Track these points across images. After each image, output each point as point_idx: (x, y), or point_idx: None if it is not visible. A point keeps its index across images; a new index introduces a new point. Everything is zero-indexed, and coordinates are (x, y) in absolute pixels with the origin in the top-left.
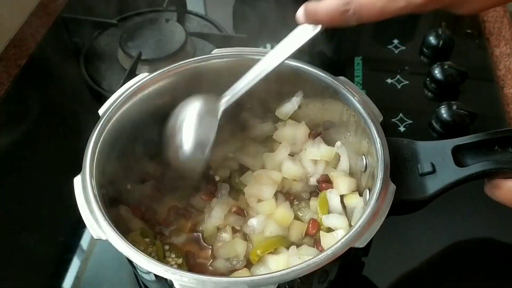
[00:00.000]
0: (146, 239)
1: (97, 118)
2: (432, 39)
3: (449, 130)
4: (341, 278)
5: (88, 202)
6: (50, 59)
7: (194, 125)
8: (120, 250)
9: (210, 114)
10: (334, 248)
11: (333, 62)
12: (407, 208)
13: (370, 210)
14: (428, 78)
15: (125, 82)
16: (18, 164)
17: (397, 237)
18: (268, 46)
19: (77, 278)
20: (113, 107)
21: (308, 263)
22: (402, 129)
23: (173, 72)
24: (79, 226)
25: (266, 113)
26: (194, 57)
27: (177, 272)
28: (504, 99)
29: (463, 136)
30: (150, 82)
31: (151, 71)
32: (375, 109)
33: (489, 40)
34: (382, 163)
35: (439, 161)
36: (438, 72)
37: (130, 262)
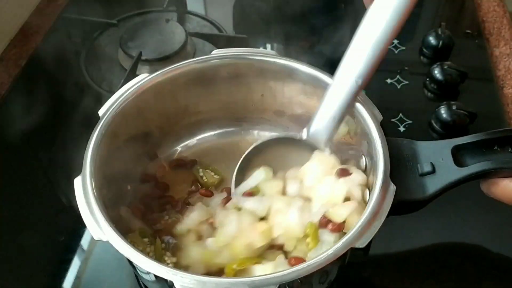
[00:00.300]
0: (145, 239)
1: (97, 118)
2: (432, 39)
3: (448, 130)
4: (341, 279)
5: (88, 203)
6: (50, 59)
7: None
8: (120, 251)
9: None
10: (334, 248)
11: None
12: (407, 208)
13: (370, 210)
14: (428, 78)
15: (125, 83)
16: (18, 164)
17: (397, 237)
18: (268, 46)
19: (77, 278)
20: (113, 108)
21: (308, 264)
22: (402, 129)
23: (173, 72)
24: (79, 226)
25: None
26: (194, 57)
27: (178, 273)
28: (503, 99)
29: (463, 136)
30: (150, 83)
31: (151, 71)
32: (375, 109)
33: (488, 40)
34: (382, 163)
35: (439, 161)
36: (438, 72)
37: (131, 263)
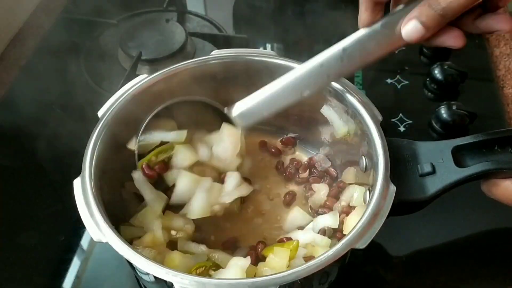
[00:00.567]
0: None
1: (97, 118)
2: None
3: (449, 130)
4: (341, 279)
5: (88, 204)
6: (50, 59)
7: None
8: (120, 253)
9: None
10: (334, 249)
11: None
12: (407, 208)
13: (370, 211)
14: (428, 78)
15: (125, 83)
16: (18, 164)
17: (397, 238)
18: (268, 46)
19: (77, 278)
20: (112, 109)
21: (308, 265)
22: (402, 129)
23: (172, 73)
24: (79, 226)
25: None
26: (194, 57)
27: (177, 274)
28: (503, 99)
29: (463, 136)
30: (149, 83)
31: (151, 71)
32: (375, 109)
33: (488, 40)
34: (382, 164)
35: (439, 161)
36: (438, 72)
37: (130, 264)
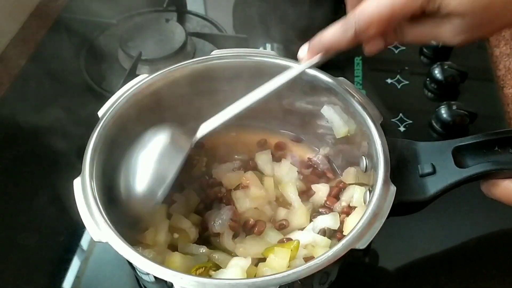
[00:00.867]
0: None
1: (96, 119)
2: None
3: (449, 130)
4: (341, 280)
5: (88, 204)
6: (50, 59)
7: (153, 162)
8: (120, 253)
9: (175, 150)
10: (334, 249)
11: (332, 62)
12: (408, 209)
13: (370, 211)
14: (428, 78)
15: (125, 83)
16: (17, 164)
17: (397, 238)
18: (268, 46)
19: (77, 278)
20: (112, 108)
21: (309, 265)
22: (402, 129)
23: (172, 73)
24: (79, 226)
25: None
26: (194, 57)
27: (177, 274)
28: (504, 99)
29: (463, 136)
30: (149, 83)
31: (151, 71)
32: (375, 109)
33: (489, 40)
34: (382, 164)
35: (440, 162)
36: (438, 72)
37: (130, 264)
